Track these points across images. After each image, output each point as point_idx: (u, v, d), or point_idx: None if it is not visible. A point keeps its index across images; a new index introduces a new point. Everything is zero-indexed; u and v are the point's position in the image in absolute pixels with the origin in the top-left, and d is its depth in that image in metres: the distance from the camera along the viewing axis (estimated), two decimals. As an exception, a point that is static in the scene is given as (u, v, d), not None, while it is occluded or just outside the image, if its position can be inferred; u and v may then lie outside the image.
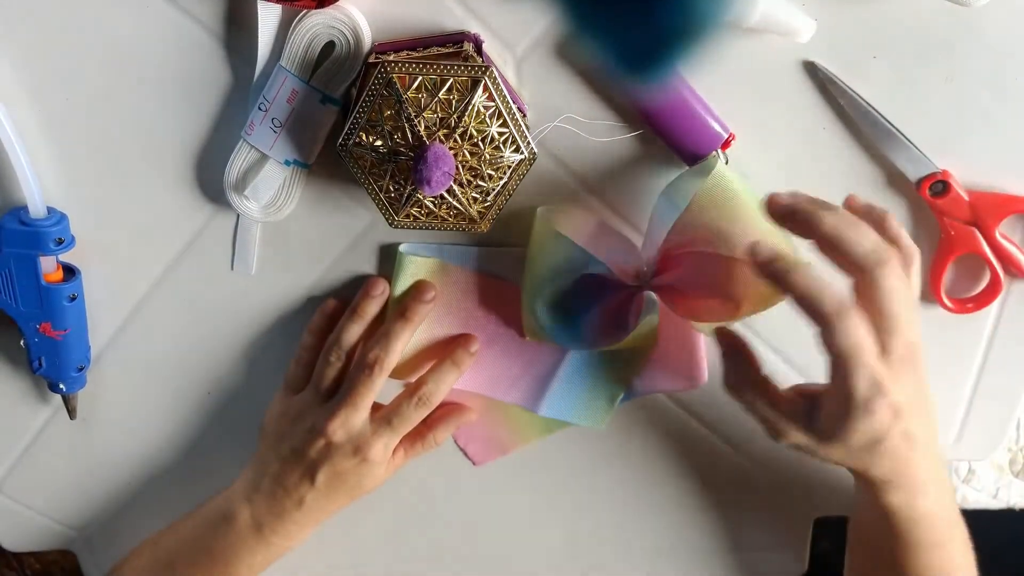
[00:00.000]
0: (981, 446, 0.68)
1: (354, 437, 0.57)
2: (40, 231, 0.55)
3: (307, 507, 0.58)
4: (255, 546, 0.59)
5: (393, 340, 0.57)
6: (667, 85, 0.54)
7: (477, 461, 0.67)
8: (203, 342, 0.62)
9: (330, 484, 0.58)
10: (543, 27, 0.54)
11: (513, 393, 0.64)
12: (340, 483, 0.58)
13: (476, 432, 0.66)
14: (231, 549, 0.59)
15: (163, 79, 0.54)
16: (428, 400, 0.58)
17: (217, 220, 0.59)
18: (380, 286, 0.59)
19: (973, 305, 0.62)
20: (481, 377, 0.63)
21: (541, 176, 0.57)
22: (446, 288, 0.60)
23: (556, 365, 0.62)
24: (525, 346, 0.62)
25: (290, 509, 0.58)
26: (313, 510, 0.59)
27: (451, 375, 0.60)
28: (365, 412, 0.57)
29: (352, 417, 0.56)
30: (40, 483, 0.66)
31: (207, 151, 0.57)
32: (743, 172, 0.56)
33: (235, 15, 0.53)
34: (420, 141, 0.50)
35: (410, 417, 0.58)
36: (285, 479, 0.58)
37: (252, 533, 0.59)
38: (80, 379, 0.61)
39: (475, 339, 0.61)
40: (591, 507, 0.70)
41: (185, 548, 0.61)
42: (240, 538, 0.59)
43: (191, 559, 0.60)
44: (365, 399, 0.57)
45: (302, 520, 0.59)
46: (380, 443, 0.57)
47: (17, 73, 0.54)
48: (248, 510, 0.59)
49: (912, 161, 0.57)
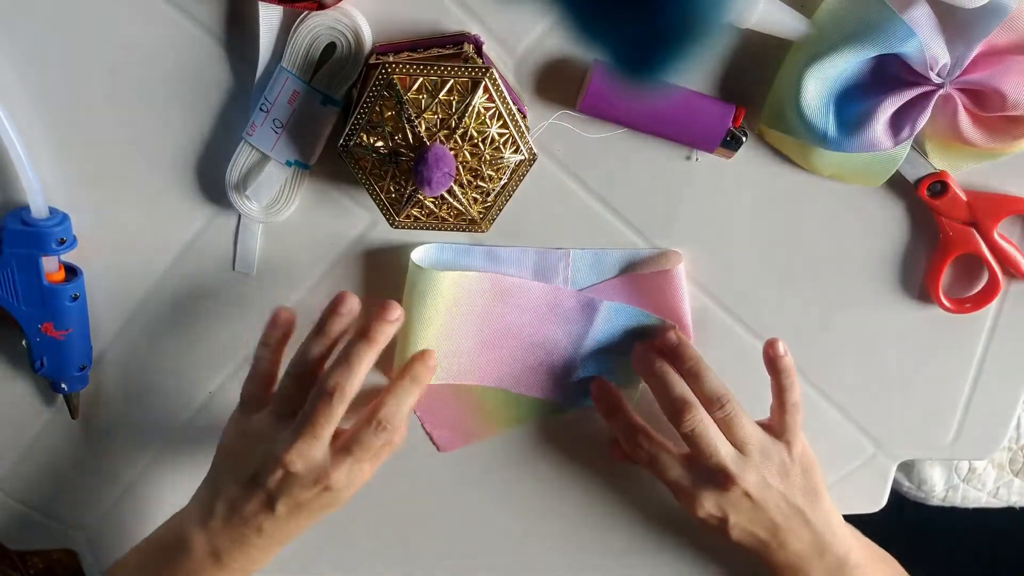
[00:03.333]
0: (981, 445, 0.68)
1: (314, 468, 0.54)
2: (42, 231, 0.55)
3: (267, 534, 0.56)
4: (215, 574, 0.56)
5: (355, 365, 0.53)
6: (667, 85, 0.54)
7: (443, 447, 0.67)
8: (204, 342, 0.62)
9: (291, 512, 0.55)
10: (543, 28, 0.54)
11: (534, 385, 0.64)
12: (301, 511, 0.55)
13: (444, 418, 0.65)
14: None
15: (165, 80, 0.54)
16: (389, 423, 0.55)
17: (218, 220, 0.59)
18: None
19: (971, 305, 0.62)
20: (501, 371, 0.63)
21: (541, 176, 0.57)
22: (463, 296, 0.60)
23: (576, 350, 0.62)
24: (543, 336, 0.62)
25: (249, 536, 0.55)
26: (274, 536, 0.56)
27: (411, 394, 0.57)
28: (325, 441, 0.54)
29: (311, 447, 0.53)
30: (42, 482, 0.66)
31: (209, 152, 0.57)
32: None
33: (236, 16, 0.53)
34: (421, 142, 0.50)
35: (371, 444, 0.55)
36: (243, 507, 0.55)
37: (211, 562, 0.56)
38: (82, 379, 0.61)
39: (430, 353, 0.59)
40: (591, 506, 0.70)
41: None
42: (198, 567, 0.56)
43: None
44: (325, 429, 0.53)
45: (263, 545, 0.56)
46: (341, 472, 0.54)
47: (19, 74, 0.54)
48: (204, 537, 0.56)
49: (910, 162, 0.57)
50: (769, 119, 0.55)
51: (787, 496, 0.59)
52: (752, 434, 0.59)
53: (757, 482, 0.58)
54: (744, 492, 0.58)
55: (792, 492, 0.59)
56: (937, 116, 0.53)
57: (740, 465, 0.58)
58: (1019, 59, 0.50)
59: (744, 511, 0.59)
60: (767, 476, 0.58)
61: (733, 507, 0.59)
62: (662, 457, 0.60)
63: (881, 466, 0.69)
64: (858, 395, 0.66)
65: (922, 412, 0.67)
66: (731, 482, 0.58)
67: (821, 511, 0.60)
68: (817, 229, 0.61)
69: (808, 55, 0.52)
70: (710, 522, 0.60)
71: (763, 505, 0.59)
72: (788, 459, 0.59)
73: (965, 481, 0.81)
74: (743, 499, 0.58)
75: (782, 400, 0.60)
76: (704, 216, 0.60)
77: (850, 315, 0.63)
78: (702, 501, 0.59)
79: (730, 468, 0.57)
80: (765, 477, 0.58)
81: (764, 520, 0.59)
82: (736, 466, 0.58)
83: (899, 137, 0.53)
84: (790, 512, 0.59)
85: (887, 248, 0.61)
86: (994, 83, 0.50)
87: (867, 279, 0.62)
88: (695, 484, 0.59)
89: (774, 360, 0.60)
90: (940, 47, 0.50)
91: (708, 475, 0.58)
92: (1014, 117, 0.52)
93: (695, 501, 0.59)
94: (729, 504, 0.59)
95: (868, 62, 0.52)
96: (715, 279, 0.62)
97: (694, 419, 0.57)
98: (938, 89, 0.51)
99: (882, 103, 0.51)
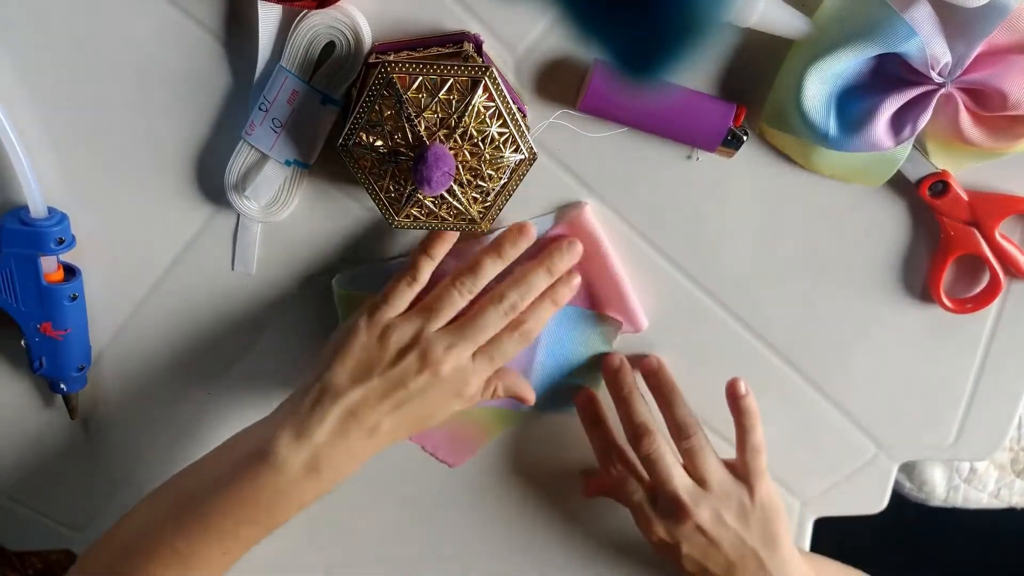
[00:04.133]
0: (982, 446, 0.68)
1: (459, 371, 0.55)
2: (41, 231, 0.55)
3: (378, 437, 0.55)
4: (306, 485, 0.54)
5: (534, 288, 0.56)
6: (667, 84, 0.54)
7: (452, 464, 0.67)
8: (203, 342, 0.62)
9: (414, 415, 0.55)
10: (543, 26, 0.54)
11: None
12: (423, 414, 0.55)
13: (439, 438, 0.65)
14: (282, 494, 0.53)
15: (164, 79, 0.54)
16: (528, 336, 0.57)
17: (217, 220, 0.59)
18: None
19: (973, 305, 0.62)
20: None
21: (541, 176, 0.57)
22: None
23: (531, 354, 0.62)
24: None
25: (360, 438, 0.54)
26: (382, 440, 0.55)
27: (549, 311, 0.58)
28: (475, 349, 0.55)
29: (464, 353, 0.55)
30: (40, 482, 0.66)
31: (207, 151, 0.57)
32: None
33: (235, 15, 0.53)
34: (420, 141, 0.50)
35: (509, 353, 0.56)
36: (363, 409, 0.54)
37: (304, 473, 0.53)
38: (81, 379, 0.61)
39: (576, 274, 0.59)
40: (590, 505, 0.70)
41: (220, 496, 0.53)
42: (291, 480, 0.53)
43: (226, 507, 0.53)
44: (484, 338, 0.55)
45: (365, 451, 0.55)
46: (478, 379, 0.56)
47: (18, 73, 0.54)
48: (302, 448, 0.53)
49: (912, 161, 0.57)
50: (770, 118, 0.55)
51: (743, 538, 0.60)
52: (714, 471, 0.60)
53: (711, 518, 0.59)
54: (697, 526, 0.59)
55: (749, 535, 0.60)
56: (938, 116, 0.53)
57: (695, 498, 0.59)
58: (1020, 58, 0.50)
59: (697, 545, 0.60)
60: (724, 514, 0.59)
61: (686, 539, 0.60)
62: (630, 480, 0.61)
63: (882, 467, 0.69)
64: (859, 396, 0.66)
65: (923, 412, 0.67)
66: (685, 514, 0.59)
67: (779, 558, 0.61)
68: (818, 229, 0.60)
69: (809, 54, 0.51)
70: (663, 548, 0.61)
71: (717, 542, 0.59)
72: (748, 502, 0.60)
73: (966, 482, 0.81)
74: (696, 533, 0.59)
75: (743, 442, 0.61)
76: (704, 215, 0.60)
77: (851, 315, 0.63)
78: (655, 526, 0.60)
79: (684, 499, 0.59)
80: (721, 514, 0.59)
81: (718, 557, 0.60)
82: (691, 498, 0.59)
83: (900, 137, 0.52)
84: (746, 553, 0.60)
85: (888, 248, 0.61)
86: (995, 83, 0.50)
87: (868, 279, 0.62)
88: (652, 509, 0.60)
89: (736, 400, 0.61)
90: (941, 46, 0.50)
91: (665, 503, 0.60)
92: (1015, 117, 0.52)
93: (650, 525, 0.61)
94: (682, 535, 0.60)
95: (869, 61, 0.51)
96: (715, 278, 0.62)
97: (651, 444, 0.59)
98: (939, 89, 0.51)
99: (883, 103, 0.51)
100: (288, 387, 0.64)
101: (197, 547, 0.53)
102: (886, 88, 0.51)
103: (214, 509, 0.53)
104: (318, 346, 0.63)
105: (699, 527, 0.59)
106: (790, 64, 0.53)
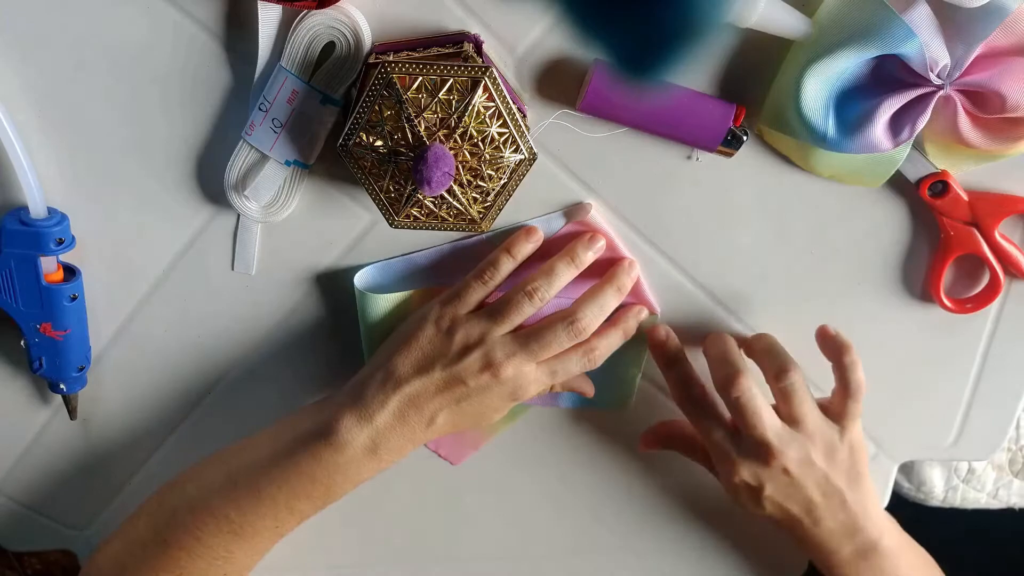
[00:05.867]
0: (981, 446, 0.68)
1: (519, 377, 0.56)
2: (41, 231, 0.55)
3: (435, 427, 0.56)
4: (365, 464, 0.56)
5: (606, 306, 0.57)
6: (667, 85, 0.54)
7: (454, 461, 0.67)
8: (203, 342, 0.62)
9: (471, 411, 0.56)
10: (543, 27, 0.54)
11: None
12: (479, 411, 0.57)
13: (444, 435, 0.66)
14: (340, 472, 0.55)
15: (163, 79, 0.54)
16: (595, 363, 0.57)
17: (217, 220, 0.59)
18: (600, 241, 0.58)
19: (972, 305, 0.62)
20: None
21: (541, 176, 0.57)
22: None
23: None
24: None
25: (418, 426, 0.56)
26: (439, 430, 0.57)
27: (618, 342, 0.59)
28: (536, 362, 0.56)
29: (528, 362, 0.55)
30: (40, 483, 0.66)
31: (207, 151, 0.57)
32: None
33: (235, 15, 0.53)
34: (420, 141, 0.50)
35: (572, 372, 0.57)
36: (422, 399, 0.55)
37: (365, 454, 0.55)
38: (80, 379, 0.61)
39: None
40: (590, 505, 0.70)
41: (278, 470, 0.56)
42: (351, 461, 0.55)
43: (283, 481, 0.55)
44: (546, 355, 0.56)
45: (423, 437, 0.57)
46: (537, 387, 0.57)
47: (17, 73, 0.54)
48: (365, 430, 0.55)
49: (912, 161, 0.57)
50: (769, 119, 0.55)
51: (829, 476, 0.58)
52: (809, 410, 0.58)
53: (799, 459, 0.58)
54: (783, 468, 0.57)
55: (835, 473, 0.58)
56: (937, 117, 0.53)
57: (784, 440, 0.57)
58: (1019, 61, 0.50)
59: (781, 486, 0.58)
60: (812, 454, 0.58)
61: (771, 480, 0.58)
62: (709, 416, 0.59)
63: (882, 467, 0.69)
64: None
65: (923, 413, 0.67)
66: (772, 456, 0.57)
67: (860, 493, 0.60)
68: (818, 229, 0.60)
69: (808, 55, 0.51)
70: (743, 490, 0.59)
71: (801, 482, 0.58)
72: (838, 441, 0.58)
73: (965, 482, 0.81)
74: (782, 474, 0.58)
75: (845, 381, 0.59)
76: (704, 216, 0.60)
77: (851, 315, 0.63)
78: (739, 469, 0.58)
79: (772, 442, 0.57)
80: (810, 455, 0.58)
81: (800, 497, 0.59)
82: (779, 440, 0.57)
83: (899, 138, 0.52)
84: (829, 491, 0.59)
85: (888, 248, 0.61)
86: (994, 85, 0.50)
87: (868, 279, 0.62)
88: (736, 451, 0.58)
89: (828, 340, 0.59)
90: (940, 48, 0.50)
91: (750, 445, 0.58)
92: (1014, 119, 0.52)
93: (733, 467, 0.59)
94: (767, 477, 0.58)
95: (868, 63, 0.51)
96: (715, 278, 0.62)
97: (741, 387, 0.57)
98: (938, 90, 0.51)
99: (882, 104, 0.51)
100: (288, 387, 0.64)
101: (249, 517, 0.55)
102: (885, 90, 0.52)
103: (271, 482, 0.55)
104: (318, 346, 0.63)
105: (785, 469, 0.57)
106: (789, 65, 0.53)
